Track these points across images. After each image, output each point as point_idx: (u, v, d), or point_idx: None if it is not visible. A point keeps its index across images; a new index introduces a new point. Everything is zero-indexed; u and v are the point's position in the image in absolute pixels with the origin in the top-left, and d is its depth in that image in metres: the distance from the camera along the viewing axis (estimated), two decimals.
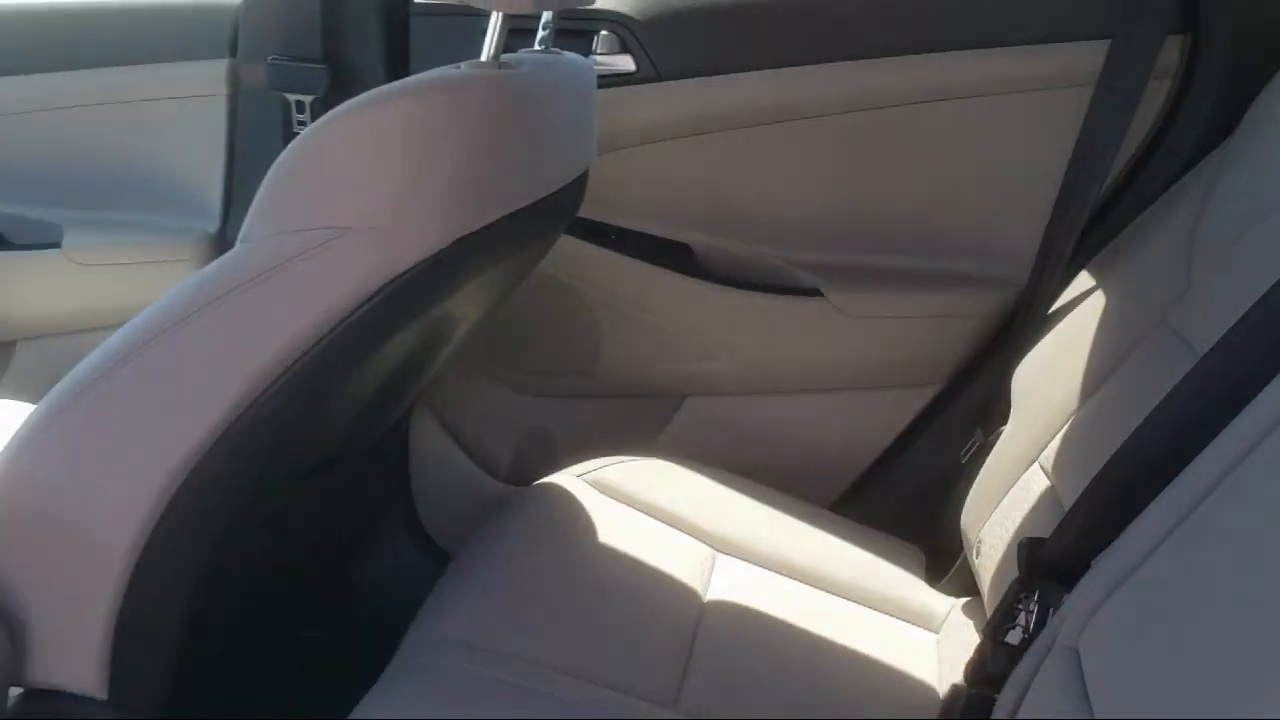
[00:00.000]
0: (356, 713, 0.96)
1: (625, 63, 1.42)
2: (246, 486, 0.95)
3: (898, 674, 1.13)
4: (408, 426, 1.57)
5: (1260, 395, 0.72)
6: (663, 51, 1.40)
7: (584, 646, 1.06)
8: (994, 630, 0.95)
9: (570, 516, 1.27)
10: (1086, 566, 0.83)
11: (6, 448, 0.94)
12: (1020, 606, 0.94)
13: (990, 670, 0.93)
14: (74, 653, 0.96)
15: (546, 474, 1.34)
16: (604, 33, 1.41)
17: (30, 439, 0.93)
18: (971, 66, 1.36)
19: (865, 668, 1.14)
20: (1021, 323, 1.36)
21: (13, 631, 0.96)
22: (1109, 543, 0.80)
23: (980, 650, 0.96)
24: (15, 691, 1.00)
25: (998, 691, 0.87)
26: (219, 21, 1.51)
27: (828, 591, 1.25)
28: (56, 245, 1.58)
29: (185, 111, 1.55)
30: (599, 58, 1.41)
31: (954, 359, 1.44)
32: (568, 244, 1.44)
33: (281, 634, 1.43)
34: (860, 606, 1.24)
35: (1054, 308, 1.32)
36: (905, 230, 1.43)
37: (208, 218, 1.57)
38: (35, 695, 1.00)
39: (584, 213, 1.37)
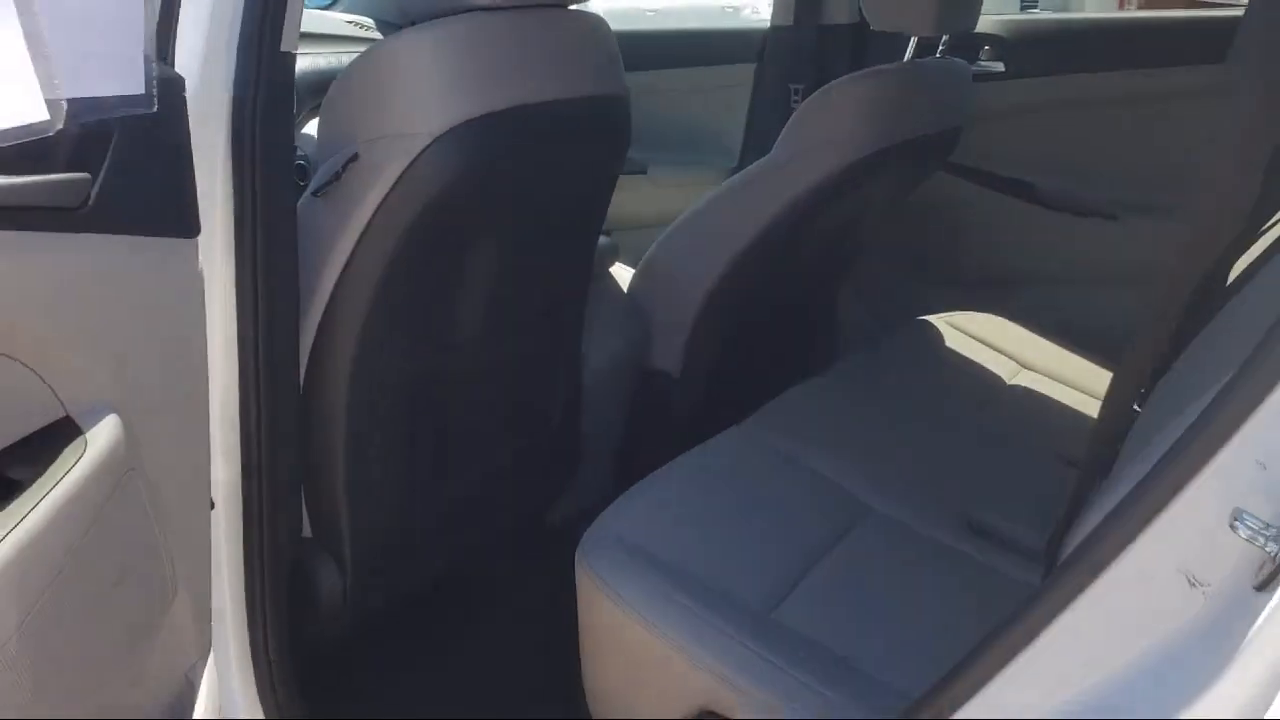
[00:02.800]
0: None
1: (998, 66, 2.25)
2: (760, 275, 1.92)
3: None
4: (834, 301, 2.49)
5: None
6: (1021, 59, 2.22)
7: (919, 386, 1.93)
8: None
9: (924, 336, 2.13)
10: None
11: (655, 245, 1.98)
12: None
13: None
14: (670, 348, 1.98)
15: None
16: (985, 47, 2.25)
17: (666, 240, 1.96)
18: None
19: None
20: None
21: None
22: None
23: None
24: None
25: None
26: (752, 40, 2.53)
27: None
28: (643, 172, 2.68)
29: (721, 95, 2.59)
30: (981, 62, 2.26)
31: None
32: (948, 181, 2.29)
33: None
34: None
35: None
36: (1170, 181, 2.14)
37: (731, 158, 2.60)
38: (645, 374, 2.03)
39: (961, 160, 2.22)
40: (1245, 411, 0.77)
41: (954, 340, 2.13)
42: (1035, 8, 7.70)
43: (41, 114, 0.64)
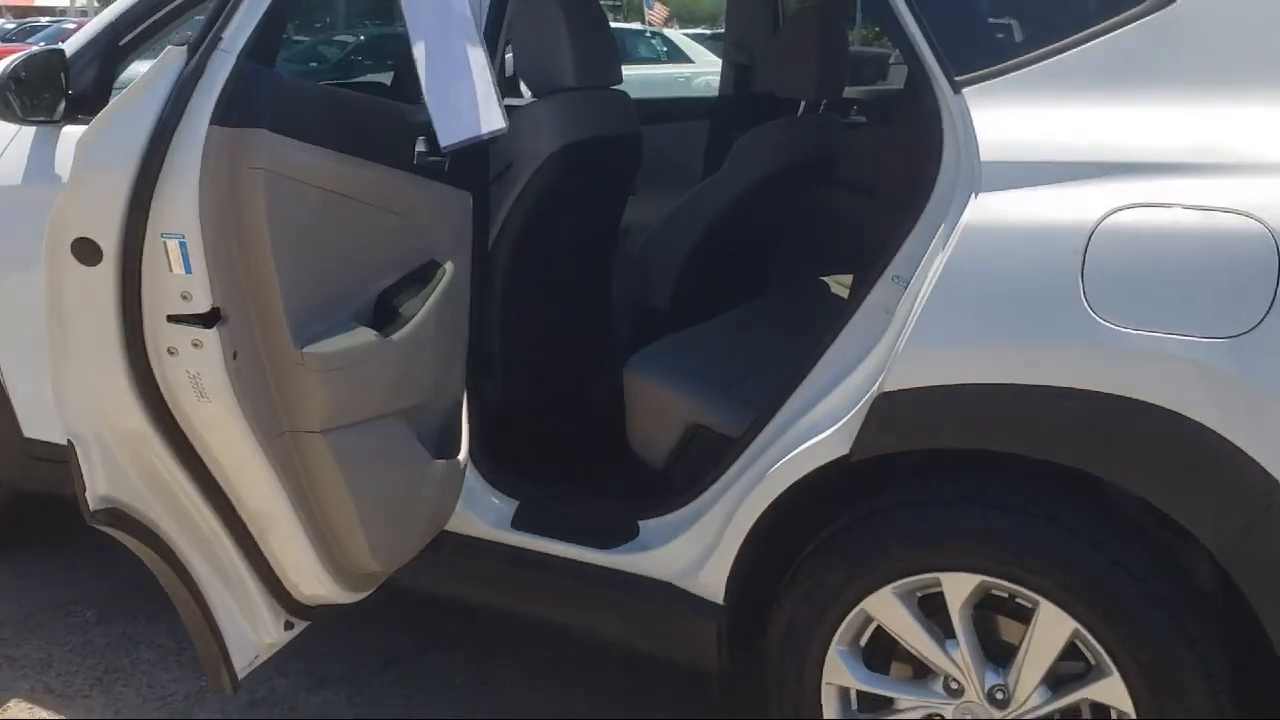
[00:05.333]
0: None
1: (862, 119, 3.56)
2: (717, 245, 3.18)
3: None
4: (766, 269, 3.76)
5: None
6: (876, 114, 3.53)
7: (813, 305, 3.20)
8: None
9: (817, 286, 3.39)
10: None
11: (651, 230, 3.24)
12: None
13: None
14: (662, 292, 3.22)
15: None
16: (854, 106, 3.56)
17: (658, 225, 3.21)
18: None
19: None
20: None
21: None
22: None
23: None
24: None
25: None
26: (706, 104, 3.82)
27: None
28: (634, 193, 3.94)
29: (686, 142, 3.87)
30: (852, 117, 3.56)
31: None
32: (836, 193, 3.57)
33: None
34: None
35: None
36: None
37: (695, 184, 3.88)
38: (646, 309, 3.27)
39: (846, 176, 3.51)
40: (901, 238, 2.02)
41: (838, 289, 3.40)
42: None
43: (498, 125, 1.87)
